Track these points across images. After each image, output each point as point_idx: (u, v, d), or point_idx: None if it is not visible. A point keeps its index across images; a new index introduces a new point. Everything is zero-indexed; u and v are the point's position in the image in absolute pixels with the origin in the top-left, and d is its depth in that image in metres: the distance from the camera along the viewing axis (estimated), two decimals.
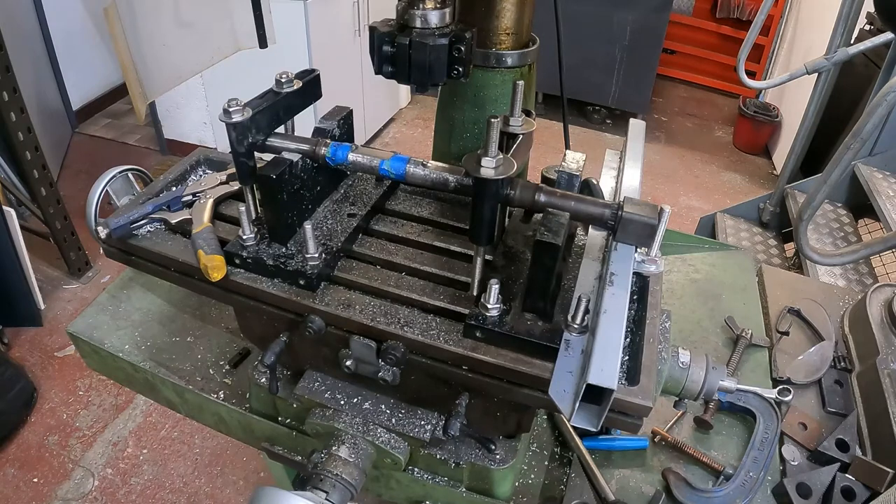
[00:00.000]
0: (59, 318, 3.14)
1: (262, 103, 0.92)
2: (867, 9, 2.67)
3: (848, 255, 1.58)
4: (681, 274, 1.62)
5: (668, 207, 0.79)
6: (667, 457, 1.18)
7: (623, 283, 0.78)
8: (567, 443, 1.17)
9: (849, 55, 2.58)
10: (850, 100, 3.23)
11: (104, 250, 1.04)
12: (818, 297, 1.55)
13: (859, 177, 2.67)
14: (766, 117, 4.86)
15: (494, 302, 0.81)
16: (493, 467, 0.98)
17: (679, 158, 5.02)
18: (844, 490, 1.13)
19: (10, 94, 2.75)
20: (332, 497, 0.87)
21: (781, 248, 3.03)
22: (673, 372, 0.92)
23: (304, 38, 3.61)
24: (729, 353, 1.39)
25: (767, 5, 2.68)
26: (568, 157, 0.95)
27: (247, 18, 2.27)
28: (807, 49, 4.46)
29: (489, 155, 0.78)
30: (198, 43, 2.26)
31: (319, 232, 0.98)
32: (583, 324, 0.77)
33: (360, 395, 1.01)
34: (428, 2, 0.90)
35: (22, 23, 4.00)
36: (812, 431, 1.24)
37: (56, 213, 3.14)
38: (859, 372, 1.35)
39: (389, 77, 0.96)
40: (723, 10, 5.60)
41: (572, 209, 0.82)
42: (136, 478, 2.42)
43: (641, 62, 4.91)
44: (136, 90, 2.03)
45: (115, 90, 5.08)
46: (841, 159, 1.40)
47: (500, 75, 1.14)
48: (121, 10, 1.89)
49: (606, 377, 0.64)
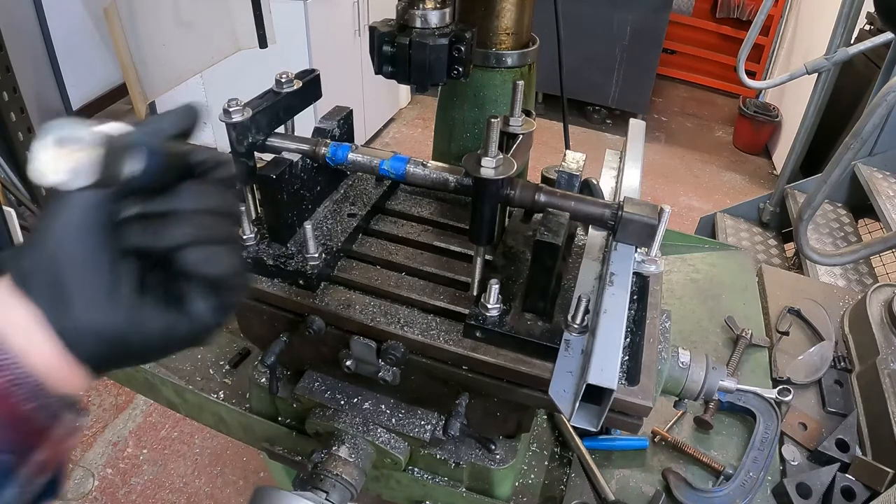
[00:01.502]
0: None
1: (262, 103, 0.92)
2: (867, 9, 2.67)
3: (848, 255, 1.58)
4: (681, 274, 1.62)
5: (668, 207, 0.79)
6: (667, 457, 1.18)
7: (623, 283, 0.78)
8: (567, 443, 1.17)
9: (849, 55, 2.58)
10: (850, 100, 3.23)
11: None
12: (818, 297, 1.55)
13: (859, 177, 2.67)
14: (766, 117, 4.86)
15: (494, 302, 0.81)
16: (493, 467, 0.98)
17: (679, 158, 5.02)
18: (844, 490, 1.13)
19: (10, 94, 2.75)
20: (332, 497, 0.87)
21: (781, 248, 3.03)
22: (673, 372, 0.92)
23: (304, 38, 3.61)
24: (729, 353, 1.39)
25: (767, 5, 2.68)
26: (568, 157, 0.95)
27: (247, 18, 2.27)
28: (807, 49, 4.46)
29: (489, 155, 0.78)
30: (198, 43, 2.26)
31: (319, 232, 0.98)
32: (583, 324, 0.77)
33: (360, 395, 1.01)
34: (428, 2, 0.90)
35: (22, 23, 4.01)
36: (812, 431, 1.24)
37: None
38: (859, 372, 1.35)
39: (389, 77, 0.96)
40: (723, 10, 5.60)
41: (572, 209, 0.82)
42: (136, 478, 2.42)
43: (641, 62, 4.91)
44: (136, 90, 2.04)
45: (115, 90, 5.08)
46: (841, 159, 1.40)
47: (500, 75, 1.14)
48: (121, 10, 1.90)
49: (606, 377, 0.64)
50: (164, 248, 0.49)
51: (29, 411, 0.47)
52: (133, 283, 0.49)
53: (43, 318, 0.48)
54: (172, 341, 0.52)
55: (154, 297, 0.50)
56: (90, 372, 0.51)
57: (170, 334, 0.51)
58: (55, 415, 0.49)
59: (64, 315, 0.48)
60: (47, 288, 0.48)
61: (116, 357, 0.51)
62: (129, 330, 0.49)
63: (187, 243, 0.49)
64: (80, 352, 0.49)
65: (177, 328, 0.51)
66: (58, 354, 0.48)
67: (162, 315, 0.50)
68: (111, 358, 0.51)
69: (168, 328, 0.51)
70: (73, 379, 0.50)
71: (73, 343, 0.48)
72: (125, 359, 0.52)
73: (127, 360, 0.52)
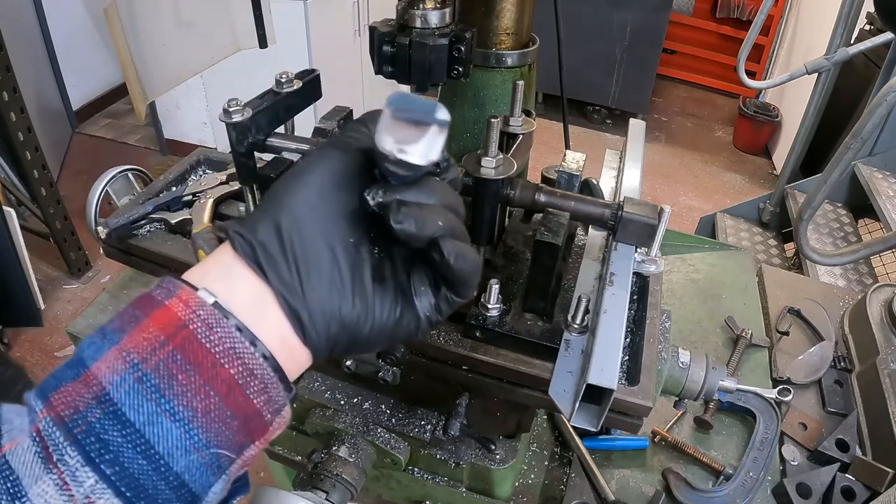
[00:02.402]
0: (59, 318, 3.14)
1: (262, 103, 0.92)
2: (867, 9, 2.67)
3: (848, 255, 1.58)
4: (681, 274, 1.62)
5: (668, 207, 0.79)
6: (667, 457, 1.18)
7: (623, 283, 0.78)
8: (567, 443, 1.17)
9: (849, 55, 2.58)
10: (850, 100, 3.23)
11: (104, 250, 1.04)
12: (818, 297, 1.55)
13: (859, 177, 2.67)
14: (766, 117, 4.86)
15: (494, 302, 0.81)
16: (493, 467, 0.98)
17: (679, 158, 5.02)
18: (844, 490, 1.13)
19: (10, 94, 2.75)
20: (332, 497, 0.87)
21: (781, 248, 3.03)
22: (673, 372, 0.92)
23: (304, 38, 3.61)
24: (729, 353, 1.39)
25: (767, 5, 2.68)
26: (568, 157, 0.95)
27: (247, 18, 2.27)
28: (807, 49, 4.46)
29: (489, 155, 0.78)
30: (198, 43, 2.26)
31: None
32: (583, 324, 0.77)
33: (360, 395, 1.01)
34: (428, 2, 0.90)
35: (22, 23, 4.01)
36: (812, 431, 1.24)
37: (56, 213, 3.14)
38: (859, 372, 1.35)
39: (389, 77, 0.96)
40: (723, 10, 5.60)
41: (572, 209, 0.82)
42: None
43: (641, 62, 4.91)
44: (136, 90, 2.04)
45: (115, 90, 5.09)
46: (841, 159, 1.40)
47: (500, 75, 1.14)
48: (121, 10, 1.90)
49: (606, 377, 0.64)
50: (426, 237, 0.46)
51: (260, 405, 0.43)
52: (371, 271, 0.47)
53: (273, 296, 0.44)
54: (398, 334, 0.50)
55: (387, 288, 0.48)
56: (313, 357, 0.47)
57: (397, 327, 0.49)
58: (280, 409, 0.45)
59: (301, 296, 0.44)
60: (285, 265, 0.44)
61: (344, 344, 0.47)
62: (361, 318, 0.46)
63: (446, 234, 0.47)
64: (309, 336, 0.45)
65: (403, 321, 0.49)
66: (286, 338, 0.45)
67: (393, 307, 0.48)
68: (338, 344, 0.47)
69: (397, 320, 0.49)
70: (296, 365, 0.47)
71: (304, 326, 0.44)
72: (352, 346, 0.48)
73: (352, 349, 0.49)
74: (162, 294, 0.43)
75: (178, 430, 0.39)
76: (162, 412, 0.39)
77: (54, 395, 0.40)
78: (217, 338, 0.41)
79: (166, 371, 0.40)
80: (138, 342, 0.40)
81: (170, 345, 0.40)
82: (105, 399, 0.39)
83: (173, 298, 0.42)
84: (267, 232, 0.44)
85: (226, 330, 0.41)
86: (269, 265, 0.44)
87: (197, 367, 0.40)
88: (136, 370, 0.39)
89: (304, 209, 0.45)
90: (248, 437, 0.43)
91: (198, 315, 0.41)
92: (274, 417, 0.45)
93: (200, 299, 0.42)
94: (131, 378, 0.39)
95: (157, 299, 0.42)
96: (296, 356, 0.46)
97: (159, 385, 0.39)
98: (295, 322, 0.44)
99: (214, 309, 0.42)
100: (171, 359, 0.40)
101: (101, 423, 0.38)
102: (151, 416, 0.39)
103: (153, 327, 0.41)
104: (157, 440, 0.39)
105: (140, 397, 0.39)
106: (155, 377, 0.39)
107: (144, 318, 0.42)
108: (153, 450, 0.39)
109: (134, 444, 0.38)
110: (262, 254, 0.44)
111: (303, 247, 0.44)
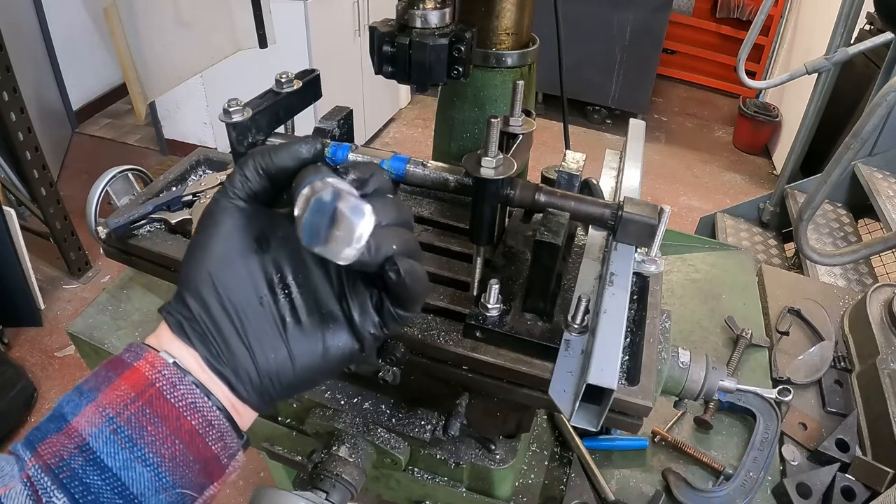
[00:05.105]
0: (59, 318, 3.14)
1: (262, 103, 0.92)
2: (867, 9, 2.67)
3: (848, 255, 1.58)
4: (681, 274, 1.62)
5: (668, 207, 0.79)
6: (667, 457, 1.18)
7: (623, 283, 0.78)
8: (567, 443, 1.17)
9: (849, 55, 2.58)
10: (850, 100, 3.23)
11: (104, 250, 1.04)
12: (818, 297, 1.55)
13: (859, 177, 2.67)
14: (766, 117, 4.86)
15: (494, 302, 0.81)
16: (493, 467, 0.98)
17: (679, 158, 5.02)
18: (844, 490, 1.13)
19: (10, 94, 2.75)
20: (332, 497, 0.87)
21: (781, 248, 3.03)
22: (673, 372, 0.92)
23: (304, 38, 3.61)
24: (729, 353, 1.39)
25: (767, 5, 2.68)
26: (568, 157, 0.95)
27: (247, 18, 2.27)
28: (807, 49, 4.46)
29: (489, 155, 0.78)
30: (198, 43, 2.26)
31: None
32: (583, 324, 0.77)
33: (360, 395, 1.01)
34: (428, 2, 0.90)
35: (22, 23, 4.01)
36: (812, 431, 1.24)
37: (56, 213, 3.14)
38: (859, 372, 1.35)
39: (389, 77, 0.96)
40: (723, 10, 5.60)
41: (572, 209, 0.82)
42: None
43: (641, 62, 4.91)
44: (136, 90, 2.04)
45: (115, 90, 5.09)
46: (841, 159, 1.40)
47: (500, 75, 1.14)
48: (121, 10, 1.90)
49: (606, 377, 0.64)
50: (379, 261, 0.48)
51: (217, 451, 0.49)
52: (289, 316, 0.50)
53: (204, 361, 0.49)
54: (332, 364, 0.52)
55: (305, 327, 0.50)
56: (256, 408, 0.52)
57: (326, 359, 0.51)
58: (234, 455, 0.51)
59: (223, 361, 0.49)
60: (209, 334, 0.49)
61: (278, 390, 0.51)
62: (282, 365, 0.50)
63: (400, 253, 0.49)
64: (239, 394, 0.50)
65: (332, 351, 0.51)
66: (228, 394, 0.50)
67: (315, 342, 0.51)
68: (272, 392, 0.51)
69: (323, 353, 0.51)
70: (244, 416, 0.52)
71: (233, 386, 0.50)
72: (288, 390, 0.52)
73: (290, 391, 0.52)
74: (130, 357, 0.49)
75: (149, 473, 0.45)
76: (135, 458, 0.45)
77: (41, 446, 0.45)
78: (180, 394, 0.47)
79: (137, 423, 0.46)
80: (112, 399, 0.46)
81: (140, 400, 0.46)
82: (86, 448, 0.44)
83: (141, 360, 0.48)
84: (185, 309, 0.49)
85: (187, 387, 0.47)
86: (194, 337, 0.49)
87: (163, 419, 0.46)
88: (112, 423, 0.45)
89: (208, 282, 0.49)
90: (208, 479, 0.49)
91: (162, 374, 0.47)
92: (230, 462, 0.51)
93: (164, 360, 0.48)
94: (108, 430, 0.45)
95: (126, 361, 0.48)
96: (239, 409, 0.51)
97: (132, 435, 0.45)
98: (226, 382, 0.50)
99: (175, 368, 0.48)
100: (141, 413, 0.46)
101: (83, 469, 0.44)
102: (126, 462, 0.45)
103: (125, 385, 0.47)
104: (131, 482, 0.45)
105: (116, 446, 0.45)
106: (128, 429, 0.45)
107: (117, 377, 0.47)
108: (128, 491, 0.45)
109: (112, 486, 0.44)
110: (188, 327, 0.49)
111: (219, 315, 0.49)
